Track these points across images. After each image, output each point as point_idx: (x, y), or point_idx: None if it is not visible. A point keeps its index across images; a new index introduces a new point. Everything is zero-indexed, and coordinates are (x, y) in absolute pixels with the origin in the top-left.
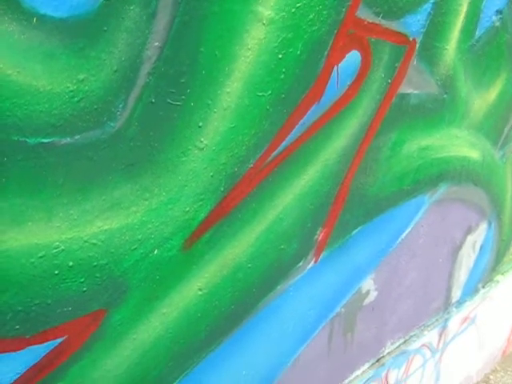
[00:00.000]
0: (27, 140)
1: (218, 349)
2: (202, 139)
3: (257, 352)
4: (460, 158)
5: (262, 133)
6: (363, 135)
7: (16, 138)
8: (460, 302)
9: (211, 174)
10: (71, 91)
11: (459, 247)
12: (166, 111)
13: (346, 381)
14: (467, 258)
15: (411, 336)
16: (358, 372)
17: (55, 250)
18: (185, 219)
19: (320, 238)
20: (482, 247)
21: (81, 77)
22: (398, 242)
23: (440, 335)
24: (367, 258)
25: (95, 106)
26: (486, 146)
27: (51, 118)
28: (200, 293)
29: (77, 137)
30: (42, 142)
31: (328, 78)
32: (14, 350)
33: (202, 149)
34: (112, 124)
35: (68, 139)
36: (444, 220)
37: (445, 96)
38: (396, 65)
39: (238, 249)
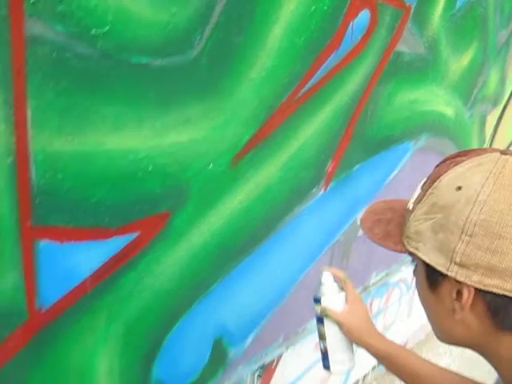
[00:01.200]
0: (130, 59)
1: (247, 260)
2: (252, 73)
3: (275, 266)
4: (438, 113)
5: (294, 72)
6: (367, 84)
7: (123, 57)
8: None
9: (256, 103)
10: (166, 21)
11: None
12: (229, 47)
13: None
14: None
15: (392, 270)
16: None
17: (141, 155)
18: (234, 140)
19: (329, 170)
20: None
21: (173, 10)
22: (387, 181)
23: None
24: (363, 192)
25: (181, 36)
26: (459, 105)
27: (149, 42)
28: (239, 206)
29: (165, 60)
30: (141, 62)
31: (345, 31)
32: (102, 239)
33: (251, 81)
34: (191, 52)
35: (159, 61)
36: (423, 166)
37: (430, 57)
38: (395, 26)
39: (269, 171)
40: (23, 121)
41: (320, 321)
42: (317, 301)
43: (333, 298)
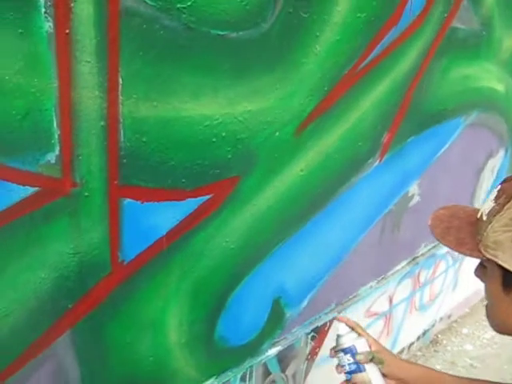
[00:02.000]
0: (211, 31)
1: (306, 226)
2: (317, 46)
3: (331, 233)
4: (490, 89)
5: (356, 46)
6: (424, 58)
7: (204, 29)
8: None
9: (319, 75)
10: None
11: (482, 169)
12: (297, 21)
13: (389, 273)
14: (487, 179)
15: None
16: (398, 267)
17: (216, 122)
18: (299, 110)
19: (385, 141)
20: (498, 172)
21: None
22: (438, 155)
23: None
24: (416, 165)
25: (255, 10)
26: (510, 82)
27: (227, 15)
28: (301, 173)
29: (241, 32)
30: (219, 34)
31: (404, 7)
32: (178, 200)
33: (316, 54)
34: (263, 26)
35: (235, 34)
36: (473, 142)
37: (484, 33)
38: (451, 2)
39: (330, 140)
40: (115, 87)
41: (359, 370)
42: (350, 351)
43: (362, 343)
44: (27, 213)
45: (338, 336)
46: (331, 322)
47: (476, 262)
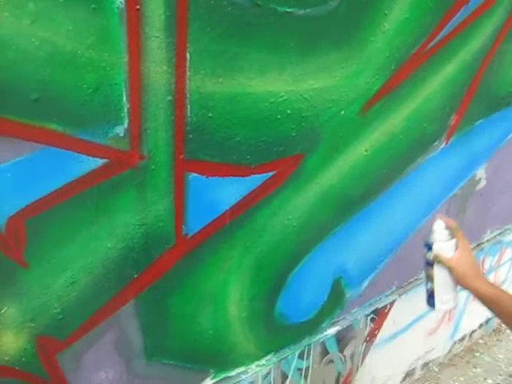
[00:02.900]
0: (278, 8)
1: (369, 206)
2: (386, 24)
3: (394, 215)
4: None
5: (425, 25)
6: (494, 39)
7: (271, 6)
8: None
9: (387, 54)
10: None
11: None
12: None
13: None
14: None
15: (506, 229)
16: None
17: (281, 99)
18: (365, 88)
19: (452, 123)
20: None
21: None
22: (507, 139)
23: None
24: (483, 148)
25: None
26: None
27: None
28: (365, 153)
29: (308, 10)
30: (286, 11)
31: None
32: (242, 176)
33: (384, 32)
34: (331, 3)
35: (302, 11)
36: None
37: None
38: None
39: (396, 120)
40: (183, 63)
41: (429, 264)
42: (428, 246)
43: (444, 245)
44: (96, 184)
45: (432, 230)
46: (391, 304)
47: None
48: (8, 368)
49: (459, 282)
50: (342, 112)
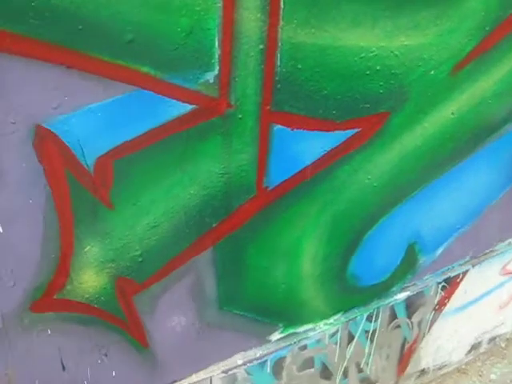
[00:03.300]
0: None
1: (451, 171)
2: None
3: (476, 182)
4: None
5: None
6: None
7: None
8: None
9: (482, 14)
10: None
11: None
12: None
13: None
14: None
15: None
16: None
17: (371, 54)
18: (457, 49)
19: None
20: None
21: None
22: None
23: None
24: None
25: None
26: None
27: None
28: (452, 116)
29: None
30: None
31: None
32: (327, 130)
33: None
34: None
35: None
36: None
37: None
38: None
39: (486, 84)
40: (276, 11)
41: None
42: None
43: None
44: (184, 129)
45: None
46: (464, 274)
47: None
48: (88, 305)
49: None
50: (432, 72)
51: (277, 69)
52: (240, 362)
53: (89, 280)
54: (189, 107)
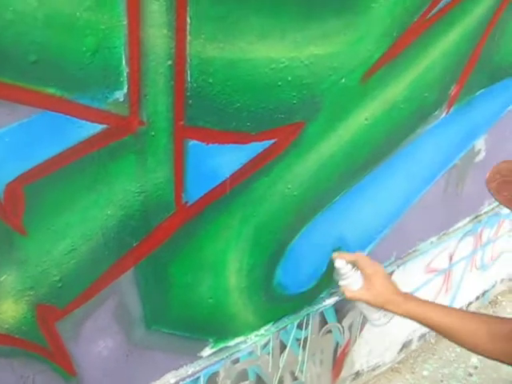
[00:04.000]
0: None
1: (368, 176)
2: None
3: (394, 185)
4: None
5: None
6: (497, 8)
7: None
8: None
9: (389, 21)
10: None
11: None
12: None
13: (451, 229)
14: None
15: None
16: (460, 224)
17: (282, 65)
18: (366, 56)
19: (453, 93)
20: None
21: None
22: (508, 109)
23: None
24: (484, 119)
25: None
26: None
27: None
28: (366, 122)
29: None
30: None
31: None
32: (242, 143)
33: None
34: None
35: None
36: None
37: None
38: None
39: (397, 89)
40: (183, 26)
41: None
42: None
43: (349, 280)
44: (95, 150)
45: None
46: (390, 274)
47: None
48: (8, 336)
49: (382, 308)
50: (343, 80)
51: (187, 84)
52: (172, 380)
53: (8, 310)
54: (99, 127)
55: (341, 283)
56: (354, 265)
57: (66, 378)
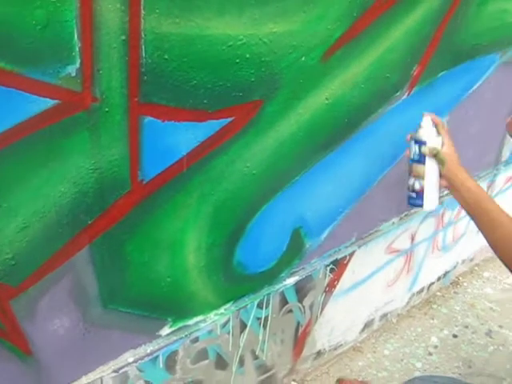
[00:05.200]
0: None
1: (329, 156)
2: None
3: (355, 165)
4: None
5: None
6: None
7: None
8: (508, 162)
9: (349, 0)
10: None
11: None
12: None
13: (412, 210)
14: None
15: None
16: None
17: (239, 42)
18: (326, 35)
19: (415, 74)
20: None
21: None
22: (470, 91)
23: (488, 188)
24: (446, 100)
25: None
26: None
27: None
28: (326, 102)
29: None
30: None
31: None
32: (199, 121)
33: None
34: None
35: None
36: (508, 81)
37: None
38: None
39: (358, 69)
40: (137, 0)
41: (420, 161)
42: (420, 142)
43: (435, 140)
44: (47, 125)
45: (420, 126)
46: (351, 255)
47: None
48: None
49: (450, 174)
50: (303, 58)
51: (142, 60)
52: (131, 359)
53: None
54: (50, 102)
55: (429, 141)
56: (437, 128)
57: (22, 357)
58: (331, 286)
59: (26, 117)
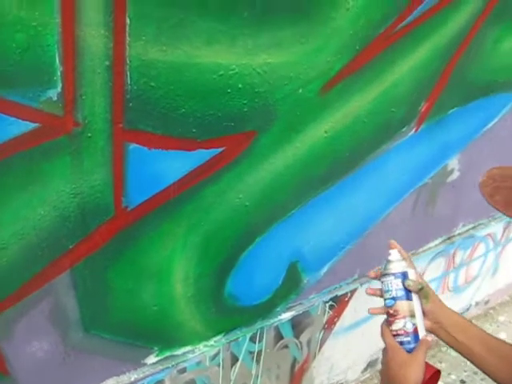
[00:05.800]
0: None
1: (330, 190)
2: (349, 1)
3: (357, 201)
4: None
5: (394, 4)
6: (472, 24)
7: None
8: None
9: (351, 32)
10: None
11: None
12: None
13: (420, 249)
14: None
15: (480, 223)
16: (432, 244)
17: (231, 72)
18: (326, 67)
19: (423, 110)
20: None
21: None
22: (484, 130)
23: (504, 229)
24: (457, 138)
25: None
26: None
27: None
28: (325, 135)
29: None
30: None
31: None
32: (188, 150)
33: (348, 9)
34: None
35: None
36: None
37: None
38: None
39: (360, 103)
40: (121, 27)
41: (406, 297)
42: (402, 276)
43: (412, 273)
44: (27, 148)
45: (389, 261)
46: (353, 292)
47: None
48: None
49: (435, 308)
50: (300, 90)
51: (127, 86)
52: None
53: None
54: (31, 125)
55: (410, 275)
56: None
57: None
58: (331, 322)
59: (5, 139)
